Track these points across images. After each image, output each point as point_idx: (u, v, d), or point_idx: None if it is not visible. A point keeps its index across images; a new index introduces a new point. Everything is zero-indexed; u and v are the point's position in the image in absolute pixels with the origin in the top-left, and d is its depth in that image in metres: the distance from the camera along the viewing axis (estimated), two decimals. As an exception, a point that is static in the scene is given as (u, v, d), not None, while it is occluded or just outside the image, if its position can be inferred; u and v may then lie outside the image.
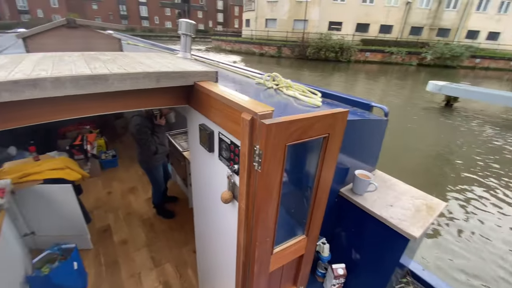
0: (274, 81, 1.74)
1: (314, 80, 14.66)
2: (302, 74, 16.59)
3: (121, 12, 54.18)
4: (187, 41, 2.88)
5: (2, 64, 0.99)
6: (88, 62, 1.12)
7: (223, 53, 27.00)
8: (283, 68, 19.53)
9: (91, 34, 2.05)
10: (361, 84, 14.58)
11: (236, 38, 30.58)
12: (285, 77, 1.72)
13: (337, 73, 18.03)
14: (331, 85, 13.84)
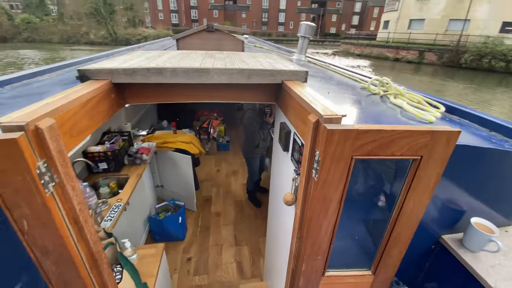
0: (382, 87, 1.51)
1: (462, 93, 11.42)
2: (445, 85, 13.31)
3: (263, 19, 61.50)
4: (304, 43, 2.93)
5: (150, 56, 1.37)
6: (205, 58, 1.37)
7: (351, 57, 25.58)
8: (421, 76, 16.35)
9: (223, 36, 2.45)
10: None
11: (368, 42, 28.14)
12: (417, 86, 1.45)
13: (502, 89, 13.30)
14: (489, 103, 10.37)
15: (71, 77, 1.57)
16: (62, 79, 1.57)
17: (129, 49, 3.76)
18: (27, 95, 1.23)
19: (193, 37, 2.38)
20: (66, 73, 1.73)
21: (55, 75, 1.72)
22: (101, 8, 31.96)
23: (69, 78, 1.57)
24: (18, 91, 1.36)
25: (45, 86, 1.40)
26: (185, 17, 58.88)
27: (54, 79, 1.60)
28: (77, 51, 24.54)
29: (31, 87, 1.40)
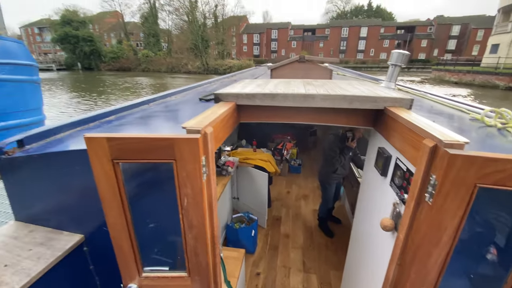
0: (500, 119, 1.35)
1: None
2: None
3: (341, 47, 61.29)
4: (394, 72, 2.85)
5: (259, 84, 1.63)
6: (304, 85, 1.55)
7: (445, 85, 22.47)
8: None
9: (312, 66, 2.64)
10: None
11: (470, 68, 24.22)
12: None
13: None
14: None
15: (194, 98, 2.00)
16: (188, 100, 2.02)
17: (227, 77, 4.43)
18: (171, 110, 1.65)
19: (285, 68, 2.66)
20: (187, 95, 2.21)
21: (180, 97, 2.21)
22: (199, 44, 38.32)
23: (193, 99, 2.00)
24: (162, 106, 1.82)
25: (179, 104, 1.83)
26: (265, 49, 64.26)
27: (182, 99, 2.07)
28: (176, 78, 29.78)
29: (169, 104, 1.85)
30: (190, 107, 1.75)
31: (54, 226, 1.19)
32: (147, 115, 1.59)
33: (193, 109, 1.67)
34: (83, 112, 10.73)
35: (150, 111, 1.69)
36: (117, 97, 15.20)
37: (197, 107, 1.70)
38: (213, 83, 3.66)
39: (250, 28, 65.26)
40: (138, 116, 1.60)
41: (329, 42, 61.97)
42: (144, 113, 1.65)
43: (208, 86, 3.38)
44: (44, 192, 1.17)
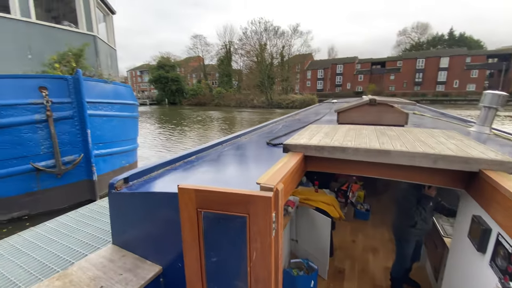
0: None
1: None
2: None
3: (416, 79, 56.27)
4: (488, 115, 2.45)
5: (327, 132, 1.64)
6: (378, 136, 1.48)
7: None
8: None
9: (385, 109, 2.51)
10: None
11: None
12: None
13: None
14: None
15: (261, 141, 2.14)
16: (257, 142, 2.17)
17: (291, 115, 4.58)
18: (243, 155, 1.80)
19: (354, 111, 2.60)
20: (255, 136, 2.38)
21: (249, 138, 2.39)
22: (265, 81, 41.24)
23: (261, 141, 2.14)
24: (234, 148, 2.00)
25: (249, 146, 1.99)
26: (329, 83, 64.28)
27: (251, 140, 2.24)
28: (242, 112, 32.23)
29: (240, 145, 2.03)
30: (260, 151, 1.88)
31: (140, 254, 1.39)
32: (222, 158, 1.78)
33: (262, 155, 1.79)
34: (162, 140, 12.54)
35: (224, 153, 1.88)
36: (190, 129, 17.28)
37: (266, 153, 1.81)
38: (278, 123, 3.80)
39: (315, 64, 67.07)
40: (214, 157, 1.80)
41: (401, 74, 57.86)
42: (219, 155, 1.84)
43: (274, 127, 3.50)
44: (137, 223, 1.40)
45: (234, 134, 2.50)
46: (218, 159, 1.78)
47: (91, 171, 4.83)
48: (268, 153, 1.84)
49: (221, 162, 1.73)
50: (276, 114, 29.58)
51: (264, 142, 2.06)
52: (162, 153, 10.04)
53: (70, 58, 4.49)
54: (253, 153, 1.89)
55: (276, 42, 45.30)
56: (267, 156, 1.76)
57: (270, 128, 3.50)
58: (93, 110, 4.78)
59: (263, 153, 1.85)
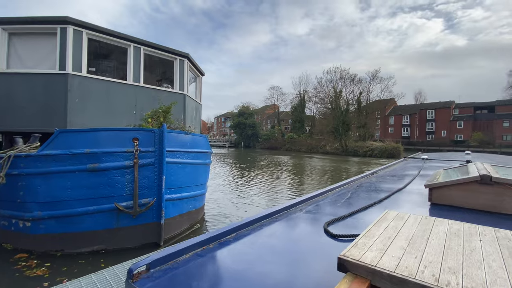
0: None
1: None
2: None
3: (546, 127, 43.36)
4: None
5: (411, 235, 1.11)
6: (508, 263, 0.87)
7: None
8: None
9: (508, 192, 1.73)
10: None
11: None
12: None
13: None
14: None
15: (320, 218, 1.72)
16: (315, 220, 1.76)
17: (366, 175, 3.88)
18: (288, 233, 1.44)
19: (455, 189, 1.89)
20: (317, 207, 1.96)
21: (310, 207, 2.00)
22: (340, 128, 39.75)
23: (319, 219, 1.73)
24: (283, 221, 1.65)
25: (302, 223, 1.62)
26: (418, 130, 56.72)
27: (307, 216, 1.85)
28: (313, 158, 31.15)
29: (293, 218, 1.67)
30: (312, 240, 1.48)
31: None
32: (260, 240, 1.46)
33: (313, 249, 1.38)
34: (230, 180, 13.02)
35: (265, 232, 1.56)
36: (253, 170, 17.54)
37: (318, 247, 1.39)
38: (369, 177, 3.59)
39: (398, 109, 61.41)
40: (252, 240, 1.49)
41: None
42: (258, 235, 1.53)
43: (366, 180, 3.33)
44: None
45: (289, 202, 2.16)
46: (256, 243, 1.47)
47: (160, 215, 5.18)
48: (321, 248, 1.42)
49: (257, 246, 1.43)
50: (351, 162, 27.28)
51: (323, 223, 1.65)
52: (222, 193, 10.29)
53: (160, 114, 5.33)
54: (303, 244, 1.49)
55: (353, 89, 44.32)
56: (318, 253, 1.35)
57: (340, 191, 3.10)
58: (170, 158, 5.34)
59: (315, 246, 1.43)
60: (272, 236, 1.57)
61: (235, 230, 1.63)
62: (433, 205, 2.04)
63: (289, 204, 2.14)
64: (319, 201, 2.30)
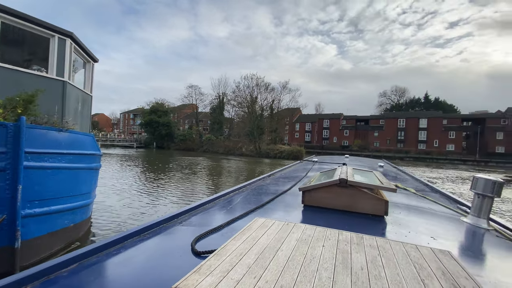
0: None
1: None
2: None
3: (398, 137, 59.11)
4: (483, 204, 1.98)
5: (263, 249, 1.05)
6: (339, 269, 0.90)
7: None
8: None
9: (359, 193, 2.00)
10: None
11: None
12: None
13: None
14: None
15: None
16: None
17: (276, 172, 4.02)
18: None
19: (322, 191, 2.08)
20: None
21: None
22: (255, 131, 42.06)
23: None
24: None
25: None
26: (317, 136, 66.52)
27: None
28: (230, 160, 31.76)
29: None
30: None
31: None
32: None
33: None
34: (132, 185, 11.54)
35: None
36: (165, 173, 16.39)
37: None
38: (266, 179, 3.75)
39: (303, 118, 70.39)
40: (109, 265, 1.16)
41: (384, 132, 61.04)
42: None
43: (261, 182, 3.48)
44: None
45: (169, 214, 1.89)
46: (105, 274, 1.15)
47: (14, 236, 3.90)
48: (182, 272, 1.22)
49: (107, 280, 1.12)
50: (263, 163, 29.22)
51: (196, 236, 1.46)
52: (126, 200, 8.98)
53: (18, 103, 4.02)
54: (164, 269, 1.25)
55: (267, 96, 47.80)
56: (175, 279, 1.14)
57: (258, 184, 3.35)
58: (33, 162, 4.11)
59: (175, 272, 1.22)
60: (129, 262, 1.25)
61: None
62: (305, 206, 2.16)
63: (168, 216, 1.86)
64: (206, 209, 2.12)
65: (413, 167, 32.79)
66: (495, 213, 2.00)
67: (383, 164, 5.84)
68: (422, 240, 1.52)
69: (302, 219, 1.93)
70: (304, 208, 2.13)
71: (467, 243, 1.72)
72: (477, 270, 1.26)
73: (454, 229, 1.89)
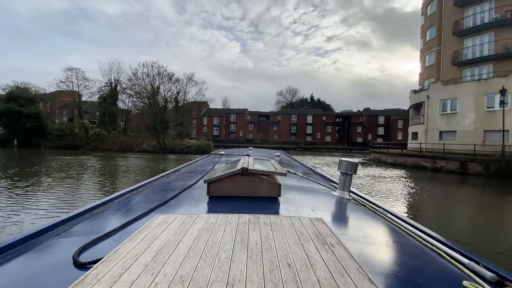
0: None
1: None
2: (511, 202, 11.46)
3: (292, 131, 68.52)
4: (346, 180, 2.59)
5: (162, 245, 1.01)
6: (236, 243, 0.98)
7: (383, 166, 25.16)
8: (473, 189, 14.75)
9: (258, 179, 2.20)
10: None
11: (400, 151, 28.23)
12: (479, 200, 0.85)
13: None
14: None
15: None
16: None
17: (183, 166, 3.78)
18: None
19: (225, 181, 2.17)
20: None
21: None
22: (157, 125, 38.71)
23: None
24: None
25: None
26: (225, 130, 68.20)
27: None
28: (128, 158, 28.05)
29: None
30: None
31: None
32: None
33: None
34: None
35: None
36: (21, 182, 12.91)
37: None
38: (170, 175, 3.48)
39: (211, 112, 70.44)
40: None
41: (281, 126, 69.33)
42: None
43: (165, 179, 3.17)
44: None
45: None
46: None
47: None
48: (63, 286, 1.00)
49: None
50: (169, 160, 27.47)
51: None
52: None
53: None
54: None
55: (171, 87, 44.59)
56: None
57: (161, 182, 3.05)
58: None
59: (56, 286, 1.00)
60: None
61: None
62: (210, 197, 2.20)
63: (38, 230, 1.47)
64: (96, 215, 1.81)
65: (302, 155, 38.85)
66: (353, 186, 2.70)
67: (280, 154, 6.59)
68: (305, 213, 1.84)
69: (208, 210, 1.96)
70: (210, 199, 2.17)
71: (336, 211, 2.20)
72: (342, 229, 1.66)
73: (327, 201, 2.38)
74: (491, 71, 23.70)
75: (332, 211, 2.13)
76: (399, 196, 11.36)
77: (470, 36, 25.18)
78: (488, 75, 23.55)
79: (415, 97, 29.54)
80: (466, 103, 23.17)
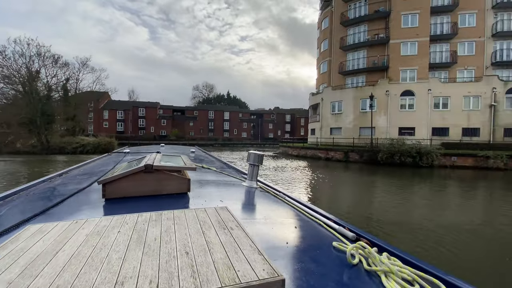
0: (362, 254, 1.22)
1: (391, 188, 13.02)
2: (374, 180, 15.24)
3: (209, 127, 67.89)
4: (254, 171, 2.82)
5: (31, 261, 0.85)
6: (132, 247, 0.93)
7: (290, 158, 28.44)
8: (351, 172, 18.60)
9: (164, 176, 2.11)
10: (454, 197, 12.00)
11: (302, 145, 32.62)
12: (355, 181, 1.20)
13: (417, 179, 15.93)
14: (412, 193, 11.86)
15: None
16: None
17: (73, 168, 3.07)
18: None
19: (126, 180, 1.98)
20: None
21: None
22: (37, 119, 30.63)
23: None
24: None
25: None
26: (131, 126, 60.63)
27: None
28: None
29: None
30: None
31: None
32: None
33: None
34: None
35: None
36: None
37: None
38: (55, 179, 2.90)
39: (113, 104, 61.07)
40: None
41: (198, 122, 67.56)
42: None
43: (47, 184, 2.61)
44: None
45: None
46: None
47: None
48: None
49: None
50: (56, 162, 22.28)
51: None
52: None
53: None
54: None
55: (56, 72, 35.98)
56: None
57: (42, 187, 2.51)
58: None
59: None
60: None
61: None
62: (107, 200, 1.97)
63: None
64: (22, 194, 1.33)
65: (220, 151, 39.29)
66: (260, 176, 3.00)
67: (195, 150, 6.44)
68: (213, 204, 1.90)
69: (103, 214, 1.75)
70: (106, 202, 1.94)
71: (245, 199, 2.37)
72: (246, 214, 1.81)
73: (237, 192, 2.52)
74: (364, 80, 30.26)
75: (242, 200, 2.28)
76: (299, 182, 13.80)
77: (351, 51, 31.34)
78: (362, 84, 30.03)
79: (313, 99, 34.80)
80: (348, 105, 28.95)
